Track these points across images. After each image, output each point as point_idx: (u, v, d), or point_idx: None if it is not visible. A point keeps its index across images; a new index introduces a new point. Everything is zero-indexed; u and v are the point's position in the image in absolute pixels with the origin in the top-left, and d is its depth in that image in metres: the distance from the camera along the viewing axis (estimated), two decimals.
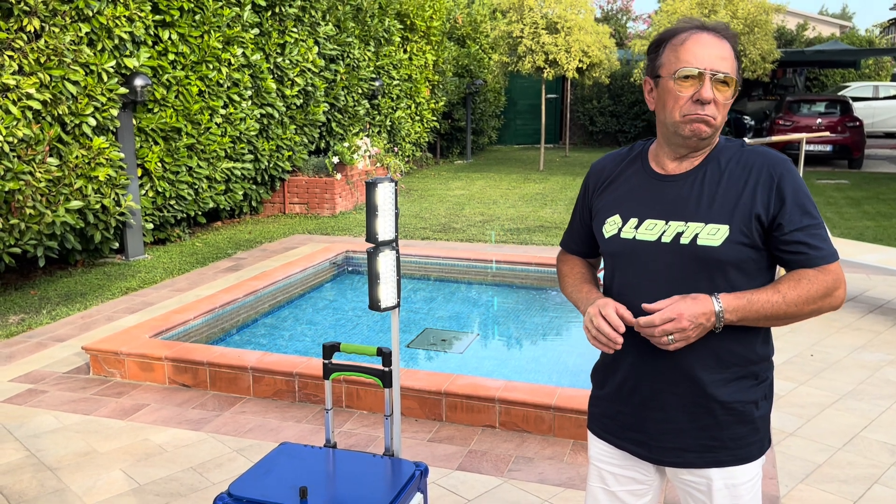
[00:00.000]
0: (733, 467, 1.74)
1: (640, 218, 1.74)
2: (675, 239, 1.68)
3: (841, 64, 20.45)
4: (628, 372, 1.79)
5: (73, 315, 5.72)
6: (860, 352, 4.89)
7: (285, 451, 2.23)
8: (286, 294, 6.12)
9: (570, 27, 13.30)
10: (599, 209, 1.84)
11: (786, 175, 1.66)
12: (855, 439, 3.72)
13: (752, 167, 1.67)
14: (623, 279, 1.77)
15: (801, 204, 1.65)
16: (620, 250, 1.76)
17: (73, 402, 4.18)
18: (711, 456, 1.74)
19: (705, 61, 1.64)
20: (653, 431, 1.77)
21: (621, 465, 1.87)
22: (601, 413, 1.89)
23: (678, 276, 1.68)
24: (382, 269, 2.06)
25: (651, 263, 1.71)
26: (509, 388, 3.85)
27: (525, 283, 6.58)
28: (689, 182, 1.71)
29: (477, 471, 3.43)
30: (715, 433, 1.73)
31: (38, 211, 6.05)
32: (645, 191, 1.76)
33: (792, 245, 1.64)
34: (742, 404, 1.72)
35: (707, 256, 1.65)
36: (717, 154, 1.72)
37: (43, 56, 5.97)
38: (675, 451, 1.76)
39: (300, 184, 9.92)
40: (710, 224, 1.66)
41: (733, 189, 1.67)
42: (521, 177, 13.64)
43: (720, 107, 1.66)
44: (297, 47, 9.25)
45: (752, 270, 1.68)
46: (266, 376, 4.19)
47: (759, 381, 1.75)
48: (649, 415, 1.77)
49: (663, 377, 1.73)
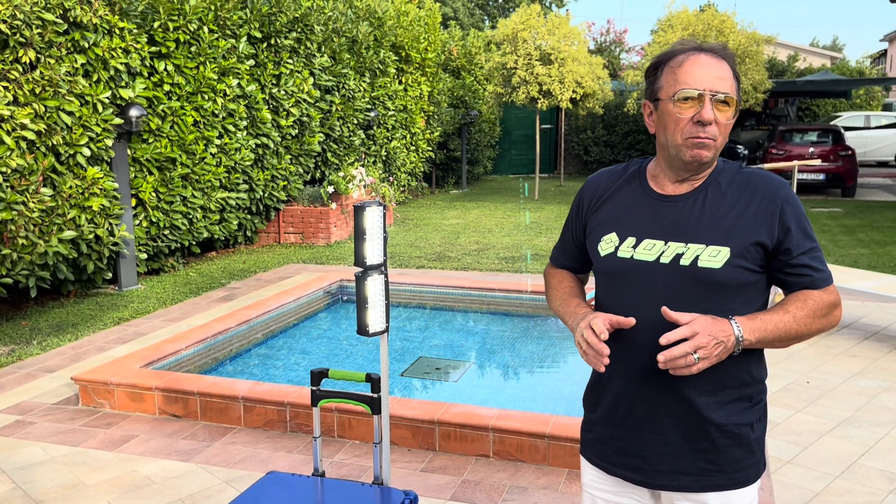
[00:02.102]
0: (730, 491, 1.71)
1: (639, 237, 1.72)
2: (674, 260, 1.67)
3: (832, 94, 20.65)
4: (621, 394, 1.76)
5: (63, 346, 5.66)
6: (857, 378, 4.85)
7: (273, 481, 2.19)
8: (280, 323, 6.08)
9: (564, 58, 13.44)
10: (595, 226, 1.82)
11: (788, 200, 1.67)
12: (853, 467, 3.67)
13: (755, 190, 1.68)
14: (618, 299, 1.74)
15: (804, 228, 1.67)
16: (617, 269, 1.74)
17: (62, 434, 4.12)
18: (708, 480, 1.71)
19: (704, 82, 1.63)
20: (649, 455, 1.74)
21: (615, 492, 1.84)
22: (595, 438, 1.85)
23: (677, 298, 1.66)
24: (371, 294, 2.04)
25: (649, 284, 1.69)
26: (503, 416, 3.81)
27: (520, 312, 6.55)
28: (690, 203, 1.70)
29: (470, 501, 3.37)
30: (711, 456, 1.70)
31: (31, 241, 6.03)
32: (643, 210, 1.75)
33: (798, 269, 1.67)
34: (738, 427, 1.70)
35: (708, 278, 1.64)
36: (716, 176, 1.72)
37: (38, 87, 6.00)
38: (672, 474, 1.73)
39: (295, 213, 9.92)
40: (711, 246, 1.65)
41: (734, 211, 1.66)
42: (517, 206, 13.67)
43: (721, 128, 1.65)
44: (293, 78, 9.32)
45: (750, 293, 1.68)
46: (257, 406, 4.14)
47: (753, 403, 1.73)
48: (645, 437, 1.73)
49: (658, 400, 1.70)
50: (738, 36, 13.86)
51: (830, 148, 14.30)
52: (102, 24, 6.58)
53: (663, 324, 1.65)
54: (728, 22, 13.96)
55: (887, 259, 8.60)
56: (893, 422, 4.19)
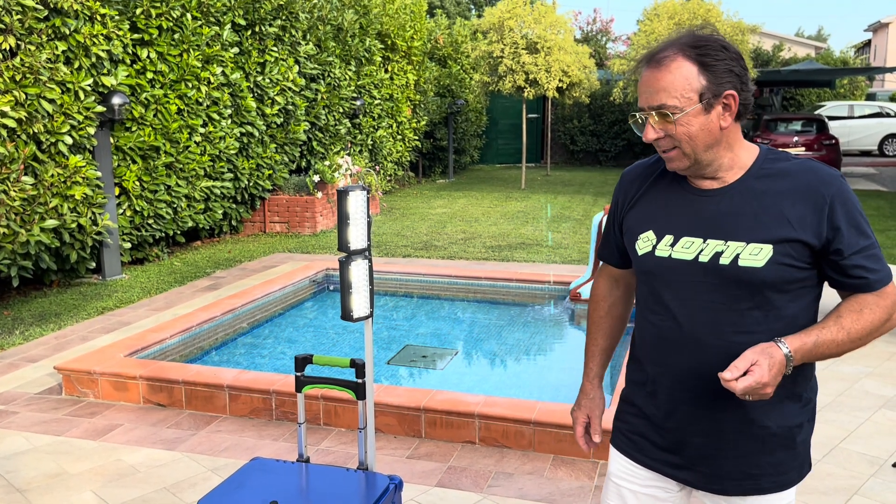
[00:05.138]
0: (770, 494, 1.66)
1: (676, 235, 1.64)
2: (713, 259, 1.59)
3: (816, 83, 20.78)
4: (665, 394, 1.70)
5: (46, 335, 5.62)
6: (838, 364, 4.90)
7: (257, 466, 2.19)
8: (265, 312, 6.06)
9: (550, 47, 13.43)
10: (632, 224, 1.75)
11: (838, 195, 1.54)
12: (834, 451, 3.71)
13: (801, 184, 1.56)
14: (658, 299, 1.67)
15: (858, 225, 1.55)
16: (655, 269, 1.67)
17: (45, 423, 4.09)
18: (751, 483, 1.65)
19: (644, 100, 1.59)
20: (691, 456, 1.69)
21: (643, 484, 1.78)
22: (631, 430, 1.79)
23: (717, 298, 1.59)
24: (355, 279, 2.03)
25: (688, 284, 1.62)
26: (489, 403, 3.82)
27: (506, 300, 6.56)
28: (728, 198, 1.61)
29: (456, 487, 3.38)
30: (756, 459, 1.64)
31: (12, 230, 5.97)
32: (680, 206, 1.66)
33: (852, 269, 1.55)
34: (787, 429, 1.63)
35: (750, 278, 1.55)
36: (757, 168, 1.62)
37: (18, 74, 5.92)
38: (714, 477, 1.67)
39: (281, 202, 9.88)
40: (752, 244, 1.56)
41: (777, 207, 1.56)
42: (503, 195, 13.67)
43: (679, 134, 1.56)
44: (278, 66, 9.25)
45: (797, 290, 1.59)
46: (242, 394, 4.13)
47: (803, 402, 1.66)
48: (688, 440, 1.68)
49: (704, 402, 1.64)
50: (724, 25, 13.89)
51: (814, 137, 14.40)
52: (84, 11, 6.50)
53: (708, 324, 1.61)
54: (713, 11, 13.98)
55: None
56: (875, 406, 4.24)
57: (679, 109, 1.55)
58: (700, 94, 1.54)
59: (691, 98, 1.54)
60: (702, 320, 1.60)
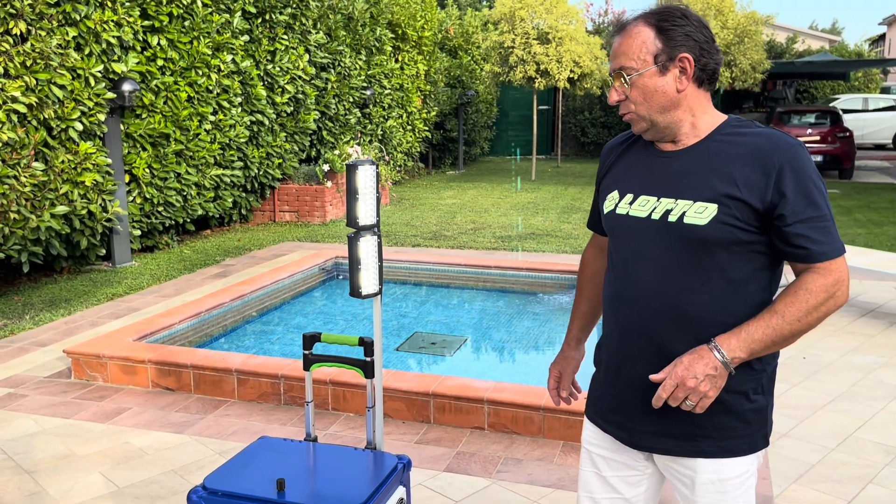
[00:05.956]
0: (719, 460, 1.65)
1: (636, 194, 1.71)
2: (663, 216, 1.64)
3: (831, 76, 20.57)
4: (613, 352, 1.76)
5: (56, 321, 5.63)
6: (853, 354, 4.84)
7: (264, 445, 2.17)
8: (274, 299, 6.05)
9: (562, 37, 13.34)
10: (604, 188, 1.84)
11: (790, 162, 1.55)
12: (849, 440, 3.66)
13: (755, 148, 1.59)
14: (620, 255, 1.74)
15: (808, 194, 1.55)
16: (615, 226, 1.74)
17: (54, 406, 4.09)
18: (693, 445, 1.66)
19: (610, 66, 1.68)
20: (634, 414, 1.72)
21: (612, 450, 1.81)
22: (594, 395, 1.85)
23: (665, 256, 1.64)
24: (363, 255, 2.00)
25: (641, 240, 1.68)
26: (498, 388, 3.79)
27: (515, 289, 6.52)
28: (685, 159, 1.66)
29: (465, 472, 3.35)
30: (697, 420, 1.64)
31: (23, 216, 5.97)
32: (642, 168, 1.73)
33: (794, 238, 1.55)
34: (731, 394, 1.63)
35: (694, 235, 1.59)
36: (718, 132, 1.65)
37: (29, 59, 5.91)
38: (656, 436, 1.70)
39: (290, 192, 9.86)
40: (698, 202, 1.60)
41: (727, 168, 1.59)
42: (513, 187, 13.62)
43: (636, 100, 1.64)
44: (288, 55, 9.22)
45: (744, 252, 1.59)
46: (251, 379, 4.12)
47: (754, 371, 1.64)
48: (632, 395, 1.71)
49: (645, 357, 1.67)
50: (737, 16, 13.76)
51: (828, 129, 14.25)
52: None
53: (654, 281, 1.65)
54: (727, 1, 13.85)
55: (884, 239, 8.58)
56: (889, 396, 4.19)
57: (634, 70, 1.62)
58: (655, 56, 1.61)
59: (646, 60, 1.61)
60: (650, 278, 1.65)
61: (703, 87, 1.65)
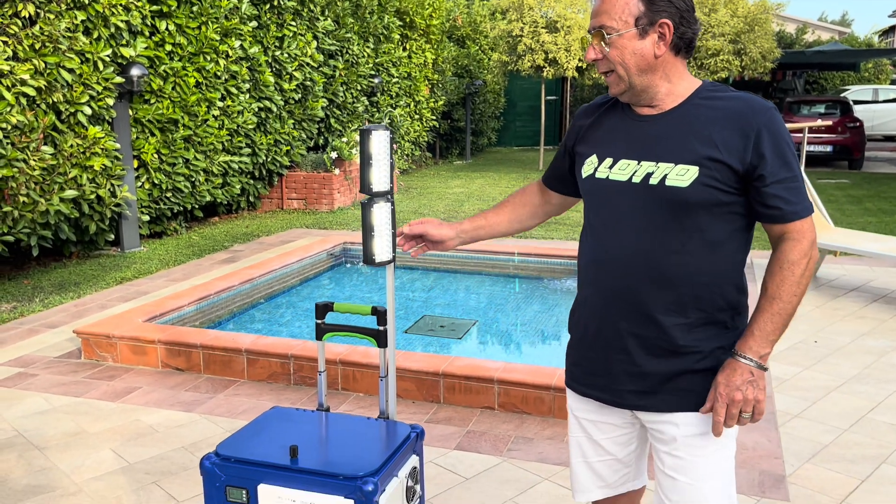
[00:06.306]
0: (700, 414, 1.69)
1: (615, 158, 1.72)
2: (644, 179, 1.65)
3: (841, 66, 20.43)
4: (592, 314, 1.77)
5: (66, 303, 5.64)
6: (864, 338, 4.81)
7: (276, 415, 2.16)
8: (282, 283, 6.04)
9: (570, 26, 13.27)
10: (580, 151, 1.82)
11: (767, 125, 1.60)
12: (861, 421, 3.64)
13: (734, 111, 1.61)
14: (598, 219, 1.74)
15: (783, 155, 1.60)
16: (594, 190, 1.75)
17: (64, 385, 4.09)
18: (675, 400, 1.69)
19: (590, 25, 1.68)
20: (616, 374, 1.74)
21: (598, 413, 1.84)
22: (571, 362, 1.87)
23: (647, 217, 1.65)
24: (377, 222, 1.99)
25: (622, 204, 1.68)
26: (508, 368, 3.78)
27: (524, 273, 6.50)
28: (663, 123, 1.67)
29: (475, 450, 3.34)
30: (678, 377, 1.68)
31: (32, 199, 5.98)
32: (621, 132, 1.74)
33: (770, 199, 1.60)
34: (708, 349, 1.68)
35: (675, 198, 1.61)
36: (695, 97, 1.68)
37: (38, 42, 5.91)
38: (638, 394, 1.72)
39: (298, 179, 9.85)
40: (679, 164, 1.62)
41: (707, 131, 1.61)
42: (521, 176, 13.58)
43: (613, 59, 1.65)
44: (296, 41, 9.19)
45: (723, 214, 1.63)
46: (261, 359, 4.11)
47: (728, 329, 1.69)
48: (613, 357, 1.73)
49: (625, 319, 1.70)
50: (748, 4, 13.66)
51: (838, 119, 14.15)
52: None
53: (635, 243, 1.66)
54: None
55: (895, 227, 8.52)
56: None
57: (615, 30, 1.63)
58: (636, 18, 1.62)
59: (627, 21, 1.62)
60: (630, 241, 1.66)
61: (680, 55, 1.67)
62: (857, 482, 3.06)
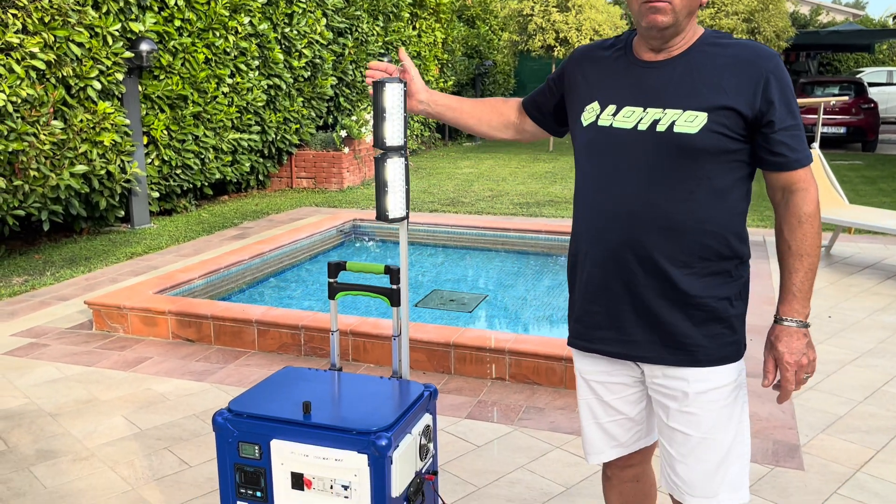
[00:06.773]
0: (712, 368, 1.67)
1: (619, 105, 1.68)
2: (651, 126, 1.62)
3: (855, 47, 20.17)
4: (596, 267, 1.72)
5: (76, 277, 5.65)
6: (879, 314, 4.76)
7: (289, 374, 2.14)
8: (292, 259, 6.03)
9: (581, 5, 13.14)
10: (580, 95, 1.77)
11: (775, 71, 1.59)
12: (877, 393, 3.60)
13: (741, 59, 1.60)
14: (600, 167, 1.69)
15: (789, 103, 1.60)
16: (597, 138, 1.70)
17: (75, 355, 4.10)
18: (685, 354, 1.67)
19: None
20: (624, 325, 1.71)
21: (608, 372, 1.81)
22: (575, 318, 1.82)
23: (654, 165, 1.62)
24: (391, 177, 1.96)
25: (627, 152, 1.64)
26: (519, 340, 3.75)
27: (534, 250, 6.47)
28: (670, 69, 1.64)
29: (486, 419, 3.33)
30: (688, 329, 1.66)
31: (43, 174, 5.98)
32: (625, 77, 1.69)
33: (777, 146, 1.60)
34: (715, 300, 1.66)
35: (684, 144, 1.58)
36: (701, 43, 1.65)
37: (47, 16, 5.88)
38: (648, 344, 1.69)
39: (307, 158, 9.82)
40: (687, 111, 1.59)
41: (715, 77, 1.59)
42: (531, 157, 13.51)
43: None
44: (305, 18, 9.13)
45: (729, 161, 1.62)
46: (271, 330, 4.11)
47: (733, 278, 1.68)
48: (621, 308, 1.70)
49: (632, 269, 1.66)
50: None
51: (853, 101, 13.98)
52: None
53: (641, 193, 1.63)
54: None
55: None
56: None
57: None
58: None
59: None
60: (635, 191, 1.63)
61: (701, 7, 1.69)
62: (871, 452, 3.04)
